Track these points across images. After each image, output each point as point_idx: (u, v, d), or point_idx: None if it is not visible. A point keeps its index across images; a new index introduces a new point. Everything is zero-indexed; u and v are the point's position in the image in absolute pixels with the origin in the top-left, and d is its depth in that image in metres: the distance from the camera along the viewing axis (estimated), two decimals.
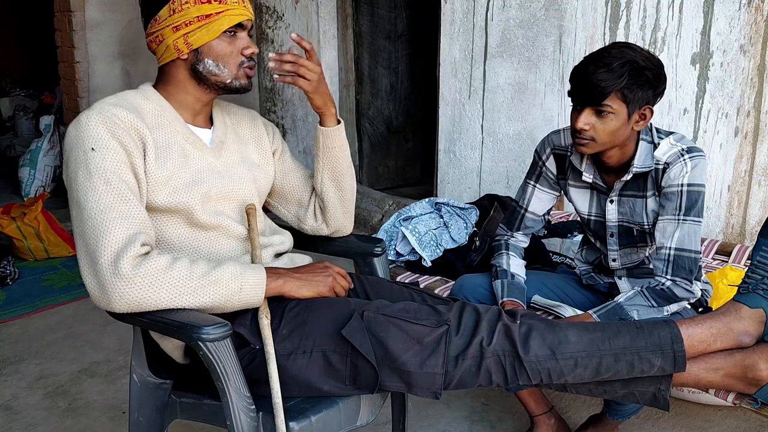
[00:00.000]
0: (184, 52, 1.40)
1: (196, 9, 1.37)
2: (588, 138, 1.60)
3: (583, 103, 1.59)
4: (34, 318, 2.93)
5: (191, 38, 1.39)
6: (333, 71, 4.28)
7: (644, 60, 1.54)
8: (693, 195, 1.61)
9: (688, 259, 1.61)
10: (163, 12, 1.39)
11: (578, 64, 1.60)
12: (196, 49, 1.40)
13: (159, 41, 1.41)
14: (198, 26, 1.38)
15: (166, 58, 1.43)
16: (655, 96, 1.58)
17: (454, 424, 2.12)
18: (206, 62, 1.41)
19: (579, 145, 1.63)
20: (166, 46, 1.40)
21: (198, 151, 1.45)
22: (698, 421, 2.11)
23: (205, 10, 1.38)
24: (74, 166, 1.29)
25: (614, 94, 1.54)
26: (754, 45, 2.71)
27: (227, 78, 1.43)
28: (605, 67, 1.53)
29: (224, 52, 1.42)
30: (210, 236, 1.43)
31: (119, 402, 2.26)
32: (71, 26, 4.10)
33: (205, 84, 1.44)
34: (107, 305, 1.23)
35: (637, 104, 1.56)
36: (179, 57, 1.41)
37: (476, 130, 3.26)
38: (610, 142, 1.61)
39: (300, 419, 1.30)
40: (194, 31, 1.38)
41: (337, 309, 1.37)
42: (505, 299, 1.77)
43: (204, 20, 1.38)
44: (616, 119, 1.57)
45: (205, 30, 1.38)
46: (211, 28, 1.39)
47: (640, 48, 1.58)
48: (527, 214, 1.88)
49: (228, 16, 1.39)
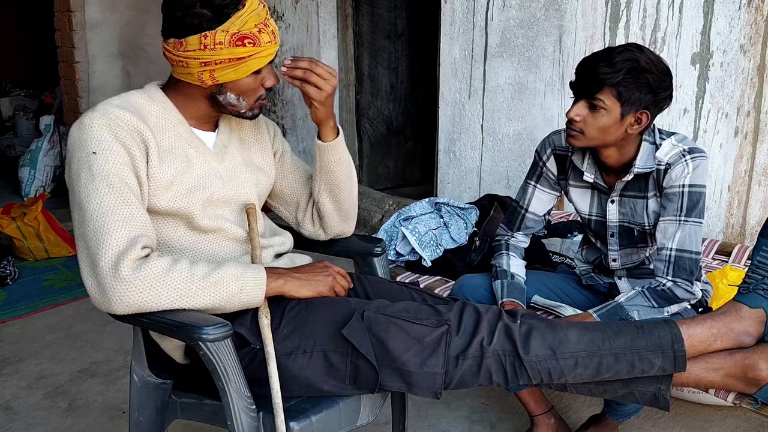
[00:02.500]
0: (207, 84, 1.37)
1: (229, 51, 1.32)
2: (577, 130, 1.61)
3: (579, 95, 1.60)
4: (34, 318, 2.93)
5: (218, 74, 1.35)
6: None
7: (648, 62, 1.54)
8: (694, 196, 1.61)
9: (689, 260, 1.61)
10: (192, 41, 1.31)
11: (585, 57, 1.61)
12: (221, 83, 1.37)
13: (182, 65, 1.35)
14: (228, 66, 1.34)
15: (185, 79, 1.38)
16: (655, 102, 1.57)
17: (454, 424, 2.12)
18: (228, 95, 1.39)
19: (569, 136, 1.64)
20: (188, 72, 1.36)
21: (201, 156, 1.44)
22: (698, 421, 2.11)
23: (239, 53, 1.32)
24: (77, 168, 1.29)
25: (608, 90, 1.54)
26: (754, 45, 2.71)
27: (243, 109, 1.42)
28: (606, 61, 1.54)
29: (248, 88, 1.39)
30: (210, 239, 1.43)
31: (119, 402, 2.26)
32: (71, 26, 4.10)
33: (220, 109, 1.43)
34: (107, 308, 1.23)
35: (632, 106, 1.55)
36: (201, 86, 1.38)
37: (476, 130, 3.26)
38: (599, 139, 1.61)
39: (300, 419, 1.30)
40: (222, 69, 1.34)
41: (338, 309, 1.37)
42: (505, 300, 1.77)
43: (235, 62, 1.33)
44: (608, 116, 1.57)
45: (233, 70, 1.34)
46: (240, 69, 1.35)
47: (650, 52, 1.57)
48: (528, 215, 1.88)
49: (259, 58, 1.35)
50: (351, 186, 1.62)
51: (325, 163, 1.56)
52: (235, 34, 1.31)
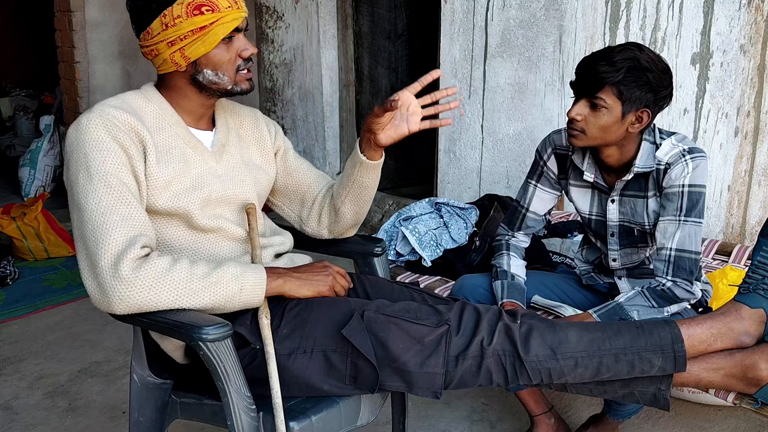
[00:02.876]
0: (182, 65, 1.37)
1: (189, 22, 1.33)
2: (578, 129, 1.61)
3: (579, 94, 1.60)
4: (34, 318, 2.93)
5: (188, 52, 1.35)
6: (333, 71, 4.28)
7: (648, 61, 1.54)
8: (694, 196, 1.61)
9: (688, 260, 1.61)
10: (155, 25, 1.34)
11: (585, 56, 1.61)
12: (194, 60, 1.37)
13: (155, 54, 1.38)
14: (193, 39, 1.34)
15: (164, 69, 1.40)
16: (656, 101, 1.58)
17: (454, 424, 2.12)
18: (205, 72, 1.39)
19: (570, 135, 1.64)
20: (162, 59, 1.37)
21: (199, 156, 1.44)
22: (698, 421, 2.11)
23: (199, 22, 1.33)
24: (75, 168, 1.29)
25: (609, 89, 1.54)
26: (754, 45, 2.71)
27: (228, 84, 1.41)
28: (606, 60, 1.54)
29: (222, 59, 1.38)
30: (209, 238, 1.43)
31: (119, 402, 2.26)
32: (71, 26, 4.09)
33: (207, 91, 1.42)
34: (107, 308, 1.23)
35: (633, 105, 1.56)
36: (177, 70, 1.39)
37: (476, 130, 3.26)
38: (600, 138, 1.61)
39: (300, 419, 1.30)
40: (190, 44, 1.35)
41: (338, 309, 1.36)
42: (505, 300, 1.77)
43: (198, 33, 1.34)
44: (609, 115, 1.57)
45: (201, 42, 1.35)
46: (207, 39, 1.35)
47: (650, 50, 1.58)
48: (528, 214, 1.88)
49: (222, 25, 1.35)
50: (372, 198, 1.63)
51: (363, 179, 1.55)
52: (191, 3, 1.32)
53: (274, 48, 4.57)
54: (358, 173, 1.54)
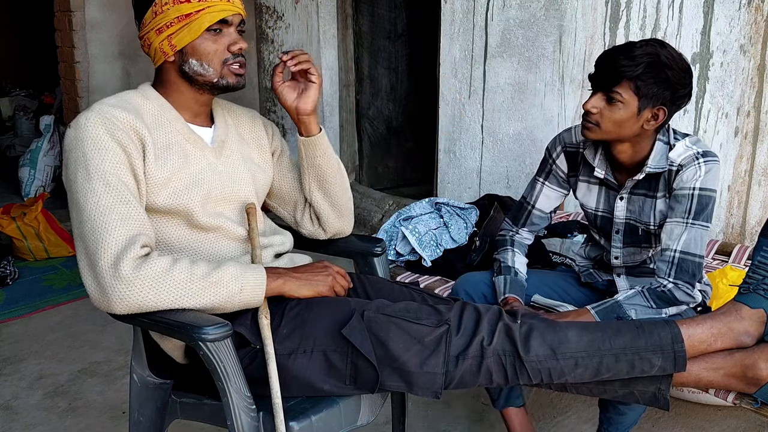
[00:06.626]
0: (169, 54, 1.39)
1: (176, 9, 1.35)
2: (593, 122, 1.60)
3: (596, 87, 1.60)
4: (34, 318, 2.93)
5: (174, 40, 1.37)
6: (333, 71, 4.28)
7: (669, 58, 1.53)
8: (704, 199, 1.60)
9: (692, 263, 1.61)
10: (147, 15, 1.38)
11: (605, 50, 1.61)
12: (180, 50, 1.38)
13: (148, 45, 1.40)
14: (179, 27, 1.36)
15: (156, 61, 1.42)
16: (673, 99, 1.56)
17: (454, 424, 2.12)
18: (191, 62, 1.39)
19: (584, 128, 1.63)
20: (154, 49, 1.40)
21: (199, 151, 1.44)
22: (698, 421, 2.11)
23: (185, 9, 1.35)
24: (73, 168, 1.29)
25: (626, 83, 1.54)
26: (754, 45, 2.71)
27: (213, 77, 1.41)
28: (626, 54, 1.53)
29: (208, 50, 1.39)
30: (210, 237, 1.43)
31: (119, 402, 2.26)
32: (71, 26, 4.09)
33: (195, 84, 1.42)
34: (107, 307, 1.23)
35: (650, 101, 1.55)
36: (167, 60, 1.40)
37: (476, 130, 3.26)
38: (615, 132, 1.60)
39: (300, 419, 1.30)
40: (176, 32, 1.36)
41: (338, 309, 1.36)
42: (508, 295, 1.76)
43: (184, 20, 1.35)
44: (625, 110, 1.56)
45: (187, 30, 1.36)
46: (192, 27, 1.36)
47: (672, 48, 1.57)
48: (534, 211, 1.88)
49: (208, 14, 1.36)
50: (341, 179, 1.62)
51: (311, 158, 1.57)
52: None
53: (274, 48, 4.57)
54: (306, 155, 1.57)
